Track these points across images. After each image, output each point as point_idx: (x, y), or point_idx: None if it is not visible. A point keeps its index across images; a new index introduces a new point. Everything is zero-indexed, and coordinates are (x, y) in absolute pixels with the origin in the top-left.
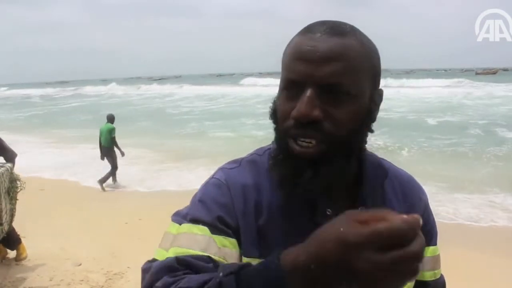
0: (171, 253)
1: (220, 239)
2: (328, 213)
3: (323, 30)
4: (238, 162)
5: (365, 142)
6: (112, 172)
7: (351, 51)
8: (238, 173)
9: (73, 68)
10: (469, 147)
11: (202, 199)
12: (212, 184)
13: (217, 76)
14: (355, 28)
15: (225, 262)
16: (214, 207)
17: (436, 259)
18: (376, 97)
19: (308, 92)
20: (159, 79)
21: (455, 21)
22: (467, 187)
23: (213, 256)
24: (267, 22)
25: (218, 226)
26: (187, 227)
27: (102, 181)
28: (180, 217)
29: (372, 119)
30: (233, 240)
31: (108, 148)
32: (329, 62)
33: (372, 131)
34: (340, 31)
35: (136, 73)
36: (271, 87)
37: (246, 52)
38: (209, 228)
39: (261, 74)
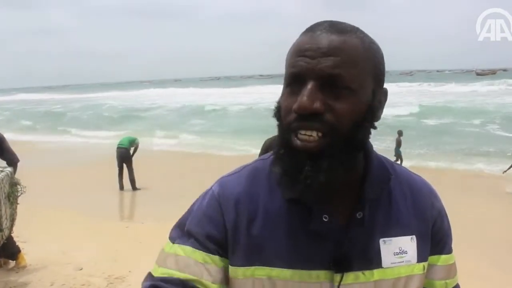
0: (157, 272)
1: (202, 256)
2: (325, 219)
3: (323, 28)
4: (239, 169)
5: (368, 138)
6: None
7: (350, 47)
8: (234, 183)
9: (71, 71)
10: None
11: (196, 212)
12: (206, 198)
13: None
14: (357, 27)
15: (200, 280)
16: (204, 221)
17: (449, 268)
18: (380, 95)
19: (309, 85)
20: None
21: (456, 21)
22: None
23: (188, 276)
24: (268, 24)
25: (203, 242)
26: (173, 248)
27: (133, 185)
28: (176, 233)
29: (375, 117)
30: (215, 257)
31: (127, 150)
32: (329, 56)
33: (375, 128)
34: (340, 28)
35: (138, 77)
36: None
37: (246, 54)
38: (194, 245)
39: (261, 77)
